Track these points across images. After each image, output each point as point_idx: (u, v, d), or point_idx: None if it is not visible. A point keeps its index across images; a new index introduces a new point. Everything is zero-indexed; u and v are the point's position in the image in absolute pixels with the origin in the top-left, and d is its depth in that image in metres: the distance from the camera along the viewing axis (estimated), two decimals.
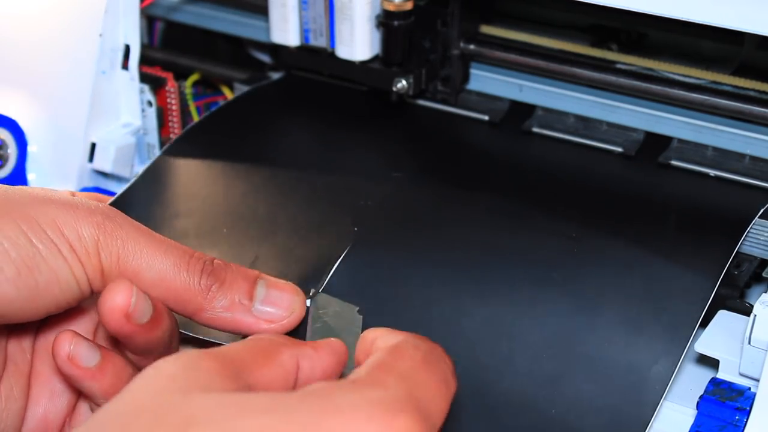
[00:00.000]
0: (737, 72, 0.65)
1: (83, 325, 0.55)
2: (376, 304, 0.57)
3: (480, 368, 0.55)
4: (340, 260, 0.59)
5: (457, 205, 0.63)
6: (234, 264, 0.53)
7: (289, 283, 0.54)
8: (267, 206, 0.63)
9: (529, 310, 0.56)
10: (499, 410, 0.53)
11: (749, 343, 0.53)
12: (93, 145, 0.73)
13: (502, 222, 0.61)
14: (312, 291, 0.56)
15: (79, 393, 0.55)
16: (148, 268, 0.51)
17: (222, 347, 0.44)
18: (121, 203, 0.63)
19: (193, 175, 0.67)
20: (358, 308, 0.55)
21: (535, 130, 0.68)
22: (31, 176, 0.74)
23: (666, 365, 0.53)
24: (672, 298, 0.55)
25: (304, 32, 0.69)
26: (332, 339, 0.50)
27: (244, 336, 0.52)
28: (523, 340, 0.55)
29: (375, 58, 0.68)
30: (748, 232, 0.58)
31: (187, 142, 0.69)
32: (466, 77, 0.71)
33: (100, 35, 0.71)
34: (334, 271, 0.58)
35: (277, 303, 0.53)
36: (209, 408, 0.39)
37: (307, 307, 0.55)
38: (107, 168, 0.73)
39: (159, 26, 0.81)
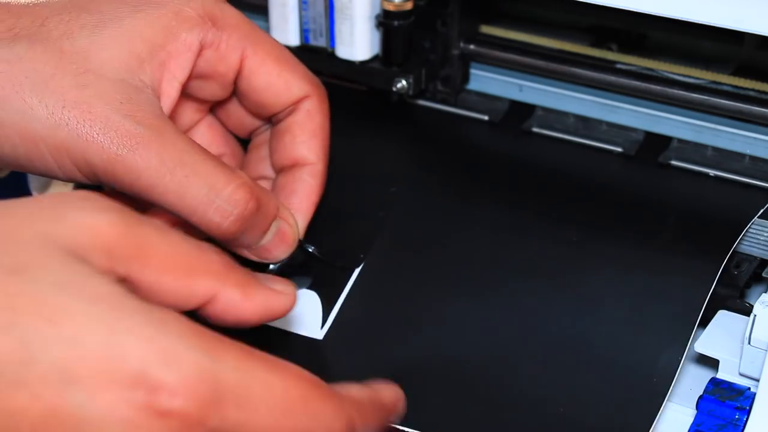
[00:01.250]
0: (737, 72, 0.65)
1: None
2: (377, 304, 0.57)
3: (481, 368, 0.55)
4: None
5: (457, 204, 0.63)
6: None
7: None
8: None
9: (526, 310, 0.56)
10: (506, 410, 0.53)
11: (749, 343, 0.53)
12: None
13: (501, 222, 0.61)
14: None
15: None
16: None
17: None
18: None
19: None
20: None
21: (535, 130, 0.68)
22: None
23: (666, 367, 0.53)
24: (671, 299, 0.55)
25: (304, 32, 0.69)
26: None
27: None
28: (524, 342, 0.55)
29: (375, 58, 0.68)
30: (748, 231, 0.58)
31: None
32: (466, 77, 0.71)
33: None
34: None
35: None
36: None
37: None
38: None
39: None
